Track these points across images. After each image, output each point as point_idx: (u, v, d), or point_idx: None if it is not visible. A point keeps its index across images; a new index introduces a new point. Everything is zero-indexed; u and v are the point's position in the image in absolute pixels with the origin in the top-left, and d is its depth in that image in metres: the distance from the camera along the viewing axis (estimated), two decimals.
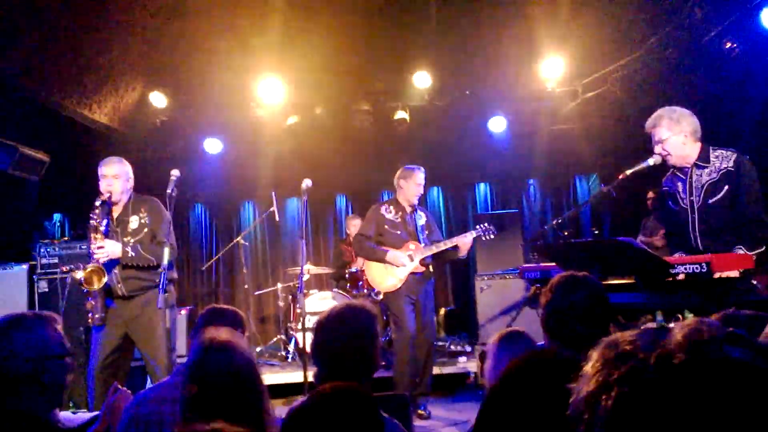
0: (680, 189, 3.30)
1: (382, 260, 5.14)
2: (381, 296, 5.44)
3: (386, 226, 5.23)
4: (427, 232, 5.25)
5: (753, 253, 2.86)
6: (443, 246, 5.12)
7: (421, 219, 5.27)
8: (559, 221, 4.10)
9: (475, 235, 5.25)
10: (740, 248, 2.91)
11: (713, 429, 0.63)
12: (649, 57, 6.30)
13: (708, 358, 0.67)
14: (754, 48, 5.42)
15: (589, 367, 0.75)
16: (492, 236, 5.33)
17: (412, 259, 5.10)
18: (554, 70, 6.81)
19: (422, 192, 5.31)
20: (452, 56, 6.94)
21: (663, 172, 3.53)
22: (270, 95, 6.99)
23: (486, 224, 5.31)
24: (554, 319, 2.05)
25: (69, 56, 5.72)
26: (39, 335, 2.01)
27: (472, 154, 8.08)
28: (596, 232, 7.53)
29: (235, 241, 6.57)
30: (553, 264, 3.22)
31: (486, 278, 6.18)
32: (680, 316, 3.82)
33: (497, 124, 7.56)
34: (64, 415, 2.82)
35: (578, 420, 0.73)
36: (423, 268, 5.11)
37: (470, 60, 6.99)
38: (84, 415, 2.98)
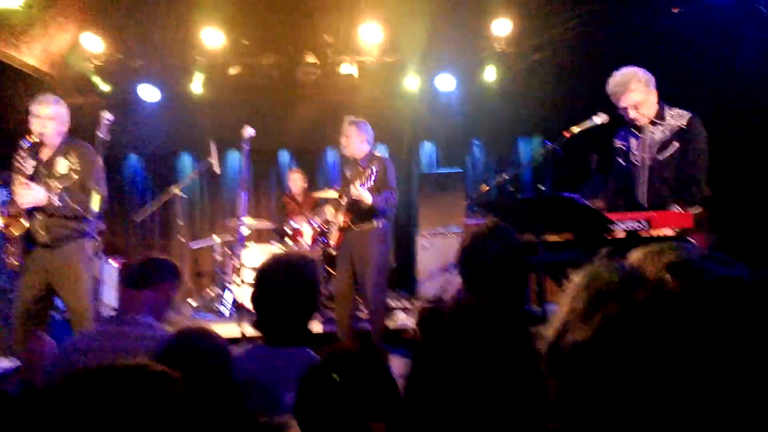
0: (633, 145, 3.33)
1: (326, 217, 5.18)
2: (335, 252, 5.31)
3: (343, 184, 5.26)
4: (369, 184, 5.08)
5: (688, 211, 2.93)
6: (346, 200, 5.03)
7: (370, 171, 5.11)
8: (504, 178, 4.10)
9: (358, 184, 4.87)
10: (675, 206, 2.97)
11: (722, 351, 0.61)
12: (596, 19, 6.34)
13: (703, 281, 0.64)
14: (699, 11, 5.52)
15: (563, 308, 0.71)
16: (371, 181, 4.92)
17: (335, 216, 5.06)
18: (503, 31, 6.78)
19: (354, 145, 5.11)
20: (402, 12, 6.79)
21: (607, 135, 3.56)
22: (212, 41, 6.70)
23: (363, 178, 4.95)
24: (468, 270, 2.01)
25: None
26: None
27: (418, 112, 8.02)
28: (542, 188, 7.60)
29: (170, 191, 6.34)
30: (497, 220, 3.21)
31: (428, 236, 6.20)
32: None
33: (445, 83, 7.50)
34: None
35: (554, 356, 0.69)
36: (345, 223, 5.04)
37: (421, 17, 6.86)
38: (3, 364, 2.84)
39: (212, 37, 6.64)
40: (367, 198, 4.79)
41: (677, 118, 3.19)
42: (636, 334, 0.65)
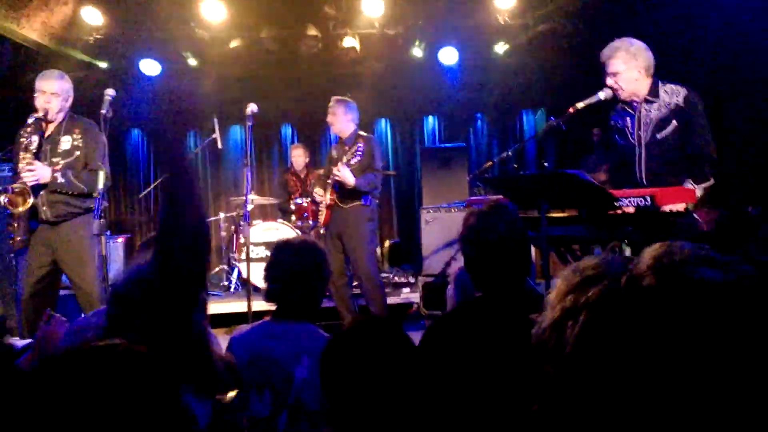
0: (629, 124, 3.32)
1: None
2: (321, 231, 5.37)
3: (330, 164, 5.23)
4: (353, 162, 5.06)
5: (700, 186, 2.94)
6: (331, 182, 5.06)
7: (348, 153, 5.11)
8: (508, 154, 4.08)
9: (342, 164, 4.92)
10: (689, 181, 2.97)
11: (684, 351, 0.61)
12: None
13: (680, 280, 0.65)
14: None
15: (553, 294, 0.72)
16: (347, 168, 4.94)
17: (323, 195, 5.09)
18: (506, 3, 6.69)
19: (340, 123, 5.12)
20: None
21: (610, 108, 3.54)
22: (212, 15, 6.62)
23: (348, 157, 5.00)
24: (471, 250, 2.01)
25: None
26: None
27: (421, 86, 7.97)
28: (546, 164, 7.59)
29: None
30: (501, 197, 3.22)
31: (431, 211, 6.20)
32: (617, 249, 3.93)
33: (448, 56, 7.43)
34: None
35: (542, 349, 0.70)
36: (331, 201, 5.06)
37: None
38: (16, 341, 2.88)
39: (213, 10, 6.56)
40: (350, 179, 4.84)
41: (673, 95, 3.16)
42: (585, 326, 0.66)
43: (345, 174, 4.81)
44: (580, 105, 3.21)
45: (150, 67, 7.23)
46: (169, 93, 7.65)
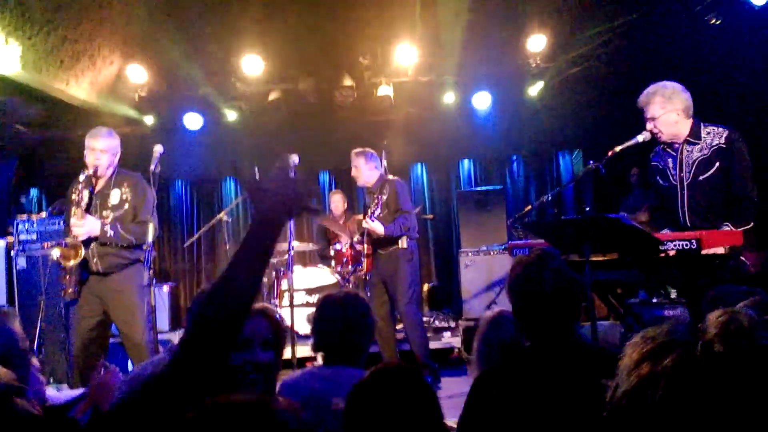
0: (670, 165, 3.30)
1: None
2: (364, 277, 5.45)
3: (365, 212, 5.37)
4: (378, 212, 5.11)
5: (739, 229, 2.89)
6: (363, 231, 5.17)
7: (384, 195, 5.15)
8: (547, 198, 4.10)
9: (367, 217, 5.04)
10: (727, 225, 2.93)
11: (755, 416, 0.64)
12: (633, 30, 6.29)
13: (746, 347, 0.68)
14: (739, 21, 5.44)
15: (626, 362, 0.74)
16: (374, 219, 5.02)
17: (360, 243, 5.17)
18: (538, 46, 6.78)
19: (363, 174, 5.31)
20: (437, 32, 6.86)
21: (648, 148, 3.53)
22: (252, 69, 6.86)
23: (373, 207, 5.06)
24: (519, 299, 2.01)
25: (44, 29, 5.54)
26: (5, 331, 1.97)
27: (456, 129, 8.05)
28: (587, 208, 7.55)
29: (217, 217, 6.49)
30: (542, 241, 3.22)
31: (470, 254, 6.20)
32: (663, 291, 3.85)
33: (481, 100, 7.53)
34: (49, 393, 2.79)
35: (618, 415, 0.72)
36: (368, 249, 5.15)
37: (455, 36, 6.92)
38: (70, 392, 2.95)
39: (252, 64, 6.79)
40: (379, 229, 4.94)
41: (715, 136, 3.14)
42: (666, 393, 0.69)
43: (374, 227, 4.94)
44: (618, 148, 3.22)
45: (193, 120, 7.48)
46: (212, 145, 7.88)
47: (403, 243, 5.09)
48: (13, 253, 5.71)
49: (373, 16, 6.63)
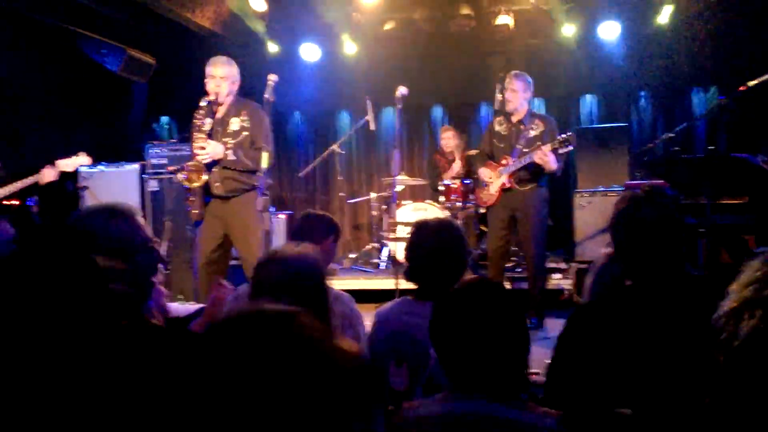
0: None
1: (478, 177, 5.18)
2: (483, 210, 5.39)
3: (494, 140, 5.18)
4: (531, 145, 4.97)
5: None
6: (518, 164, 4.91)
7: (533, 130, 5.00)
8: (671, 135, 3.80)
9: (549, 149, 4.76)
10: None
11: None
12: None
13: None
14: None
15: (736, 283, 0.67)
16: (568, 148, 4.81)
17: (499, 176, 4.98)
18: None
19: (518, 100, 5.00)
20: None
21: None
22: None
23: (563, 135, 4.82)
24: (620, 236, 1.89)
25: None
26: (127, 226, 1.92)
27: (578, 63, 7.58)
28: (711, 148, 6.95)
29: (330, 149, 6.62)
30: (662, 181, 3.02)
31: (586, 195, 5.94)
32: None
33: (609, 30, 7.00)
34: (174, 305, 3.02)
35: (716, 336, 0.66)
36: (510, 184, 4.95)
37: None
38: (191, 306, 3.18)
39: None
40: (553, 164, 4.71)
41: None
42: (762, 323, 0.62)
43: (551, 159, 4.71)
44: (751, 83, 2.90)
45: (310, 51, 7.54)
46: (328, 77, 7.94)
47: (542, 182, 4.98)
48: (144, 176, 6.16)
49: None
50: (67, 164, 5.02)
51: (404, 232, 6.32)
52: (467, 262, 2.38)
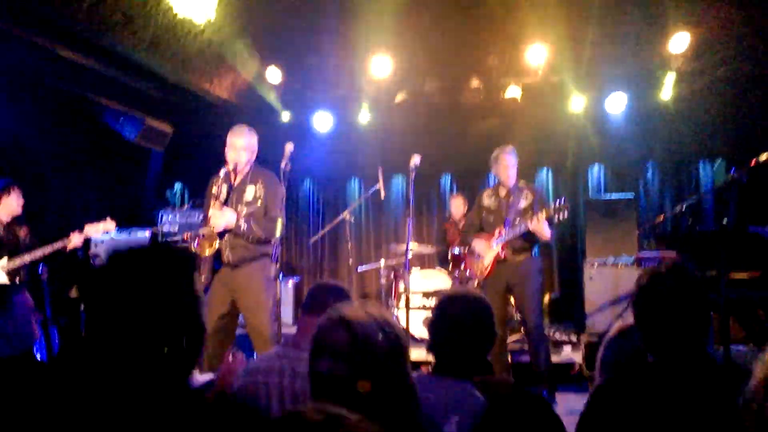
0: None
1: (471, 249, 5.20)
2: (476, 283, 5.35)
3: (483, 213, 5.22)
4: (522, 216, 4.99)
5: None
6: (512, 233, 4.92)
7: (522, 202, 5.06)
8: (681, 209, 3.83)
9: (544, 218, 4.76)
10: None
11: None
12: None
13: None
14: None
15: (753, 381, 0.68)
16: (564, 217, 4.80)
17: (490, 247, 4.99)
18: (680, 46, 6.31)
19: (512, 174, 5.07)
20: (569, 31, 6.59)
21: None
22: (380, 71, 6.96)
23: (558, 203, 4.81)
24: (643, 313, 1.89)
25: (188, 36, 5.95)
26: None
27: (586, 134, 7.71)
28: (724, 221, 6.95)
29: (341, 216, 6.68)
30: (674, 253, 3.02)
31: (596, 265, 5.92)
32: None
33: (615, 102, 7.15)
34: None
35: (748, 406, 0.67)
36: (504, 255, 4.96)
37: (588, 34, 6.62)
38: (201, 376, 3.14)
39: (380, 64, 6.89)
40: (547, 233, 4.75)
41: None
42: None
43: (543, 229, 4.75)
44: (763, 157, 2.94)
45: (323, 121, 7.71)
46: (340, 146, 8.10)
47: (534, 251, 5.00)
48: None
49: (504, 14, 6.48)
50: (95, 230, 5.07)
51: (413, 301, 6.29)
52: (495, 338, 2.28)
